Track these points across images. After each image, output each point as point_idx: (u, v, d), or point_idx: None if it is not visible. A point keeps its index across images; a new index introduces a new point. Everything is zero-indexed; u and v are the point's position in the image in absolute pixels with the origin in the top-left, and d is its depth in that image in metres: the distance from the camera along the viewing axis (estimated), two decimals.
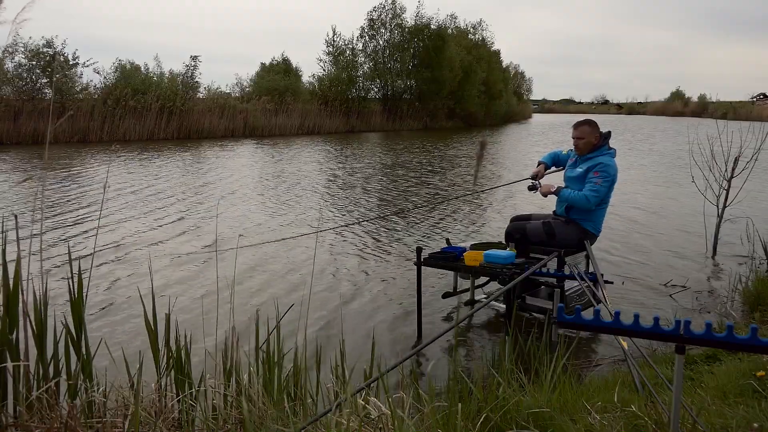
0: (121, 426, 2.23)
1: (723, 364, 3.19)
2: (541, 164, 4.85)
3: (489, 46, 43.08)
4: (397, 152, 19.18)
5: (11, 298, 2.31)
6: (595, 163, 4.35)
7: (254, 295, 5.06)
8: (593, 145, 4.42)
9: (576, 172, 4.46)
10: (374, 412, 2.16)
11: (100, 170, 12.98)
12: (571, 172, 4.55)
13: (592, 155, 4.41)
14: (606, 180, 4.29)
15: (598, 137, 4.42)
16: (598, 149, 4.41)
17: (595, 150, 4.42)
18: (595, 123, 4.49)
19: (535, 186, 4.70)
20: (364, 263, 6.17)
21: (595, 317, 1.92)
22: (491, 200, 10.21)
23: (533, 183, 4.72)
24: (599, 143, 4.42)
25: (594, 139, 4.41)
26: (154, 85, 22.13)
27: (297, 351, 2.58)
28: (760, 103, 47.84)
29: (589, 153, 4.43)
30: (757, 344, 1.73)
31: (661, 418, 2.28)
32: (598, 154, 4.40)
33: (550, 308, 4.13)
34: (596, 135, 4.42)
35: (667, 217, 8.88)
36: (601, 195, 4.31)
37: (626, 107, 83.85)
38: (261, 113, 25.67)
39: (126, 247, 6.55)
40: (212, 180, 12.01)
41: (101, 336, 3.37)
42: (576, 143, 4.49)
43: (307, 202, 9.65)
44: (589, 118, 4.64)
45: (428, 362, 3.84)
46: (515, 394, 2.39)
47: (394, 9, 34.30)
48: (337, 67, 31.98)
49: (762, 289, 4.61)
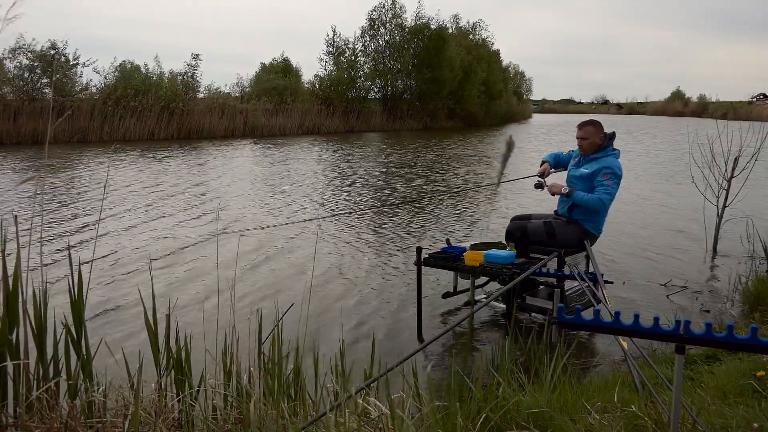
0: (121, 426, 2.23)
1: (723, 364, 3.19)
2: (545, 162, 4.84)
3: (489, 46, 43.08)
4: (397, 152, 19.18)
5: (11, 297, 2.31)
6: (602, 165, 4.35)
7: (255, 295, 5.06)
8: (597, 145, 4.42)
9: (581, 172, 4.45)
10: (374, 412, 2.16)
11: (100, 170, 12.98)
12: (575, 171, 4.54)
13: (597, 156, 4.41)
14: (616, 182, 4.31)
15: (603, 138, 4.42)
16: (603, 150, 4.41)
17: (600, 150, 4.42)
18: (600, 123, 4.49)
19: (541, 184, 4.68)
20: (364, 263, 6.17)
21: (595, 317, 1.92)
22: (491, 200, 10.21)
23: (539, 181, 4.71)
24: (603, 144, 4.42)
25: (599, 139, 4.41)
26: (154, 85, 22.12)
27: (297, 351, 2.58)
28: (760, 103, 47.82)
29: (594, 153, 4.43)
30: (757, 344, 1.73)
31: (661, 418, 2.27)
32: (603, 155, 4.40)
33: (550, 308, 4.13)
34: (601, 135, 4.42)
35: (667, 217, 8.88)
36: (614, 197, 4.34)
37: (626, 107, 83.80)
38: (261, 113, 25.67)
39: (126, 247, 6.55)
40: (212, 180, 12.01)
41: (101, 336, 3.37)
42: (580, 143, 4.49)
43: (308, 202, 9.65)
44: (593, 118, 4.64)
45: (428, 362, 3.84)
46: (515, 394, 2.39)
47: (394, 9, 34.32)
48: (338, 68, 31.99)
49: (762, 289, 4.61)
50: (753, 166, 6.48)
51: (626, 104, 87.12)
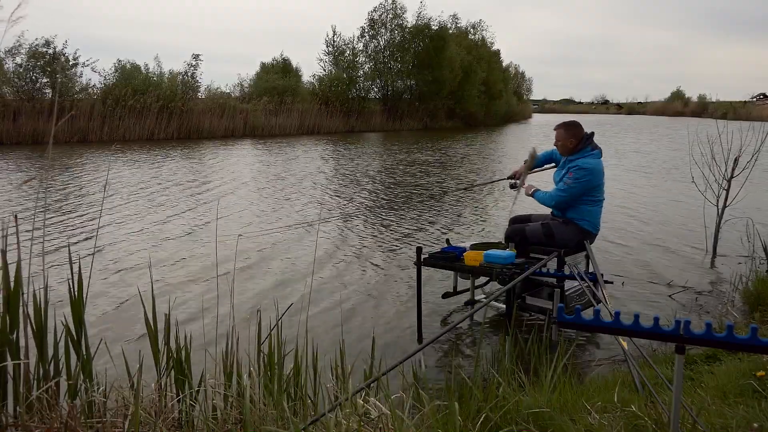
0: (121, 426, 2.23)
1: (723, 364, 3.19)
2: (526, 162, 4.84)
3: (489, 46, 43.07)
4: (398, 152, 19.18)
5: (12, 297, 2.31)
6: (573, 165, 4.37)
7: (254, 295, 5.07)
8: (570, 148, 4.43)
9: (560, 174, 4.50)
10: (374, 412, 2.16)
11: (100, 170, 12.98)
12: (557, 175, 4.59)
13: (574, 157, 4.42)
14: (578, 180, 4.28)
15: (573, 141, 4.41)
16: (579, 151, 4.41)
17: (576, 152, 4.42)
18: (573, 125, 4.46)
19: (515, 185, 4.73)
20: (364, 263, 6.17)
21: (595, 317, 1.92)
22: (491, 200, 10.21)
23: (513, 182, 4.75)
24: (576, 147, 4.41)
25: (569, 143, 4.42)
26: (154, 85, 22.12)
27: (297, 351, 2.58)
28: (760, 103, 47.79)
29: (570, 155, 4.44)
30: (757, 344, 1.73)
31: (661, 418, 2.28)
32: (580, 156, 4.40)
33: (550, 308, 4.13)
34: (571, 139, 4.41)
35: (667, 217, 8.88)
36: (571, 193, 4.31)
37: (626, 107, 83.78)
38: (261, 113, 25.67)
39: (126, 247, 6.55)
40: (213, 180, 12.01)
41: (101, 336, 3.37)
42: (555, 144, 4.55)
43: (309, 202, 9.65)
44: (572, 120, 4.57)
45: (428, 362, 3.84)
46: (515, 394, 2.39)
47: (394, 9, 34.31)
48: (338, 68, 31.98)
49: (762, 289, 4.61)
50: (753, 167, 6.47)
51: (626, 104, 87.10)
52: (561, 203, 4.38)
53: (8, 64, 19.75)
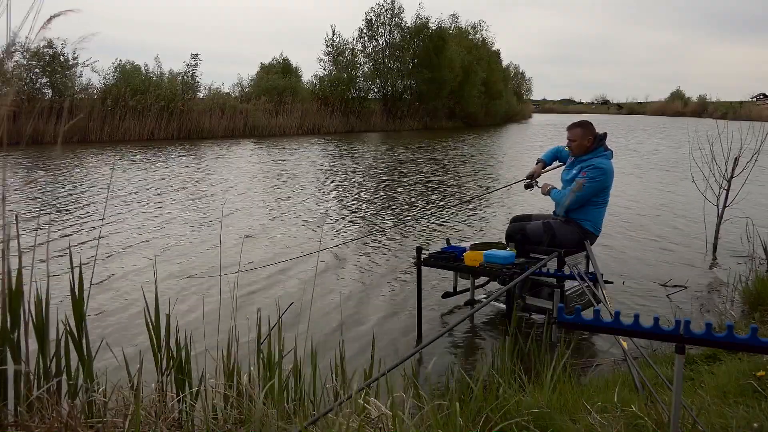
0: (121, 426, 2.24)
1: (723, 364, 3.19)
2: (540, 162, 4.87)
3: (489, 46, 43.04)
4: (398, 152, 19.18)
5: (13, 297, 2.31)
6: (587, 165, 4.36)
7: (255, 295, 5.07)
8: (586, 147, 4.41)
9: (571, 174, 4.47)
10: (374, 412, 2.16)
11: (100, 170, 12.98)
12: (566, 174, 4.56)
13: (587, 157, 4.41)
14: (593, 180, 4.29)
15: (591, 140, 4.41)
16: (593, 151, 4.41)
17: (590, 152, 4.41)
18: (589, 124, 4.47)
19: (531, 185, 4.76)
20: (365, 263, 6.17)
21: (595, 317, 1.92)
22: (491, 200, 10.21)
23: (529, 182, 4.80)
24: (592, 146, 4.41)
25: (587, 141, 4.40)
26: (154, 85, 22.12)
27: (297, 351, 2.58)
28: (760, 103, 47.80)
29: (583, 155, 4.43)
30: (757, 344, 1.73)
31: (661, 418, 2.28)
32: (593, 156, 4.39)
33: (550, 308, 4.14)
34: (589, 138, 4.40)
35: (667, 217, 8.88)
36: (588, 193, 4.31)
37: (626, 107, 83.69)
38: (261, 113, 25.67)
39: (127, 247, 6.55)
40: (213, 180, 12.01)
41: (102, 336, 3.38)
42: (569, 145, 4.51)
43: (310, 202, 9.65)
44: (585, 119, 4.61)
45: (428, 362, 3.84)
46: (515, 394, 2.40)
47: (392, 9, 34.29)
48: (337, 68, 31.98)
49: (762, 289, 4.61)
50: (753, 167, 6.47)
51: (626, 104, 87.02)
52: (576, 202, 4.36)
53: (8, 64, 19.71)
